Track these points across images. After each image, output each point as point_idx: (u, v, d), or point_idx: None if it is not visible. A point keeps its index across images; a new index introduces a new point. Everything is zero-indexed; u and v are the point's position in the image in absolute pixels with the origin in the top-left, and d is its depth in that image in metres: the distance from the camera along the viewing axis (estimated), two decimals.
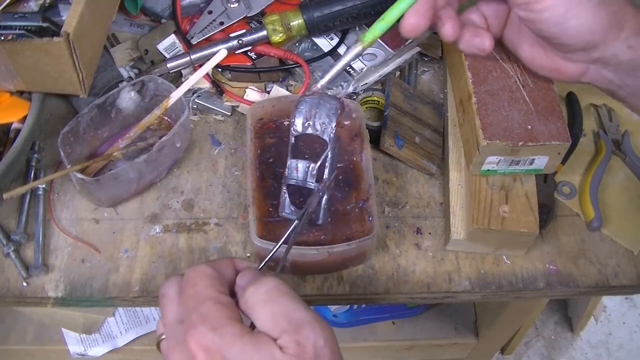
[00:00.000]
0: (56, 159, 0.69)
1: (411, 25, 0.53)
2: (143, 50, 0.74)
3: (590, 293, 0.66)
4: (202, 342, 0.39)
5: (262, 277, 0.43)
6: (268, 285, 0.42)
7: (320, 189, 0.57)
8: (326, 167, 0.57)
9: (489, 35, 0.56)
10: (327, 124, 0.57)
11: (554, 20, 0.50)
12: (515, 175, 0.64)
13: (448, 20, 0.54)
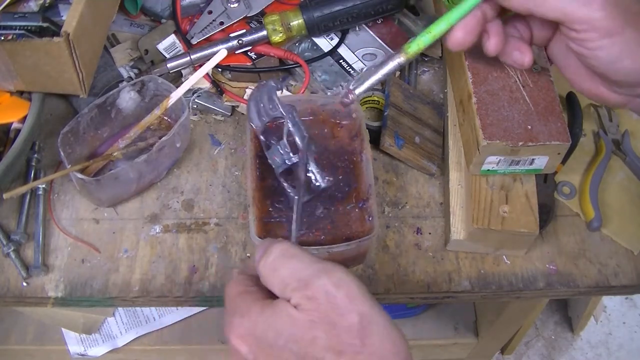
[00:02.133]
0: (56, 159, 0.69)
1: (458, 40, 0.52)
2: (143, 50, 0.74)
3: (590, 293, 0.66)
4: (237, 332, 0.42)
5: (270, 246, 0.43)
6: (275, 253, 0.42)
7: (300, 158, 0.56)
8: (296, 136, 0.56)
9: (529, 52, 0.54)
10: (272, 103, 0.56)
11: (608, 60, 0.49)
12: (515, 175, 0.64)
13: (495, 36, 0.53)
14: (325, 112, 0.67)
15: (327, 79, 0.73)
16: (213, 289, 0.63)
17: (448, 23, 0.52)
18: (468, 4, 0.51)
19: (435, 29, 0.53)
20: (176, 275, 0.64)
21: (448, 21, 0.52)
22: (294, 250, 0.42)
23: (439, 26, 0.52)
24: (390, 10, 0.73)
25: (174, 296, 0.63)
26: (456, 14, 0.52)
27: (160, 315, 1.16)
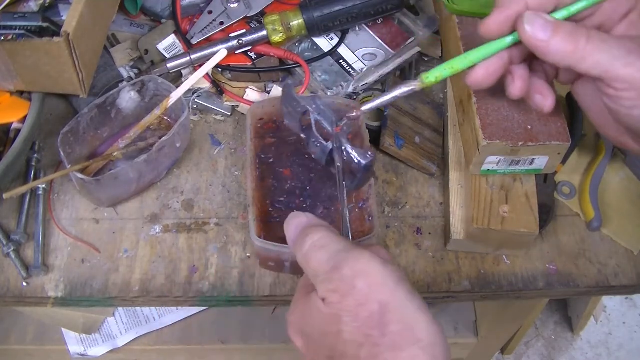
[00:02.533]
0: (56, 159, 0.69)
1: (478, 80, 0.52)
2: (143, 50, 0.74)
3: (590, 293, 0.66)
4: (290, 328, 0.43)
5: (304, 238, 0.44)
6: (307, 245, 0.43)
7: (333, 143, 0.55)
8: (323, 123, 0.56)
9: (552, 96, 0.53)
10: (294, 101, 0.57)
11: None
12: (515, 175, 0.64)
13: (519, 79, 0.52)
14: None
15: (327, 79, 0.73)
16: (213, 289, 0.63)
17: (471, 61, 0.51)
18: (495, 46, 0.50)
19: (457, 64, 0.51)
20: (176, 275, 0.64)
21: (471, 59, 0.51)
22: (324, 241, 0.42)
23: (460, 62, 0.51)
24: (390, 10, 0.73)
25: (174, 296, 0.63)
26: (482, 52, 0.51)
27: (160, 315, 1.16)
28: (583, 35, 0.46)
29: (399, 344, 0.37)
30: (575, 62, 0.47)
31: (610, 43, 0.46)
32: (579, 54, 0.46)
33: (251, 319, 1.17)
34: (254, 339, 1.16)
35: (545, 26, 0.47)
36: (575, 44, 0.46)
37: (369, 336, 0.37)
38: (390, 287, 0.39)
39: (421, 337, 0.37)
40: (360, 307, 0.38)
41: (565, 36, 0.46)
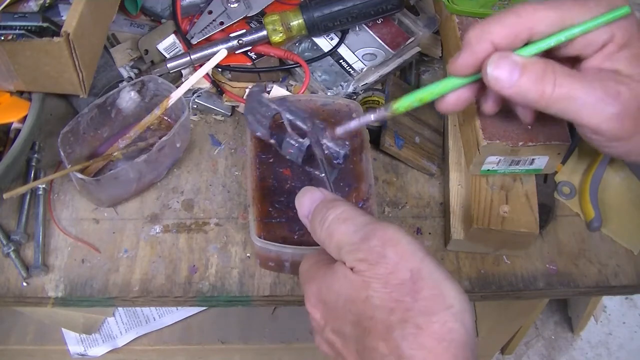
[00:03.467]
0: (56, 159, 0.69)
1: (449, 108, 0.53)
2: (143, 50, 0.74)
3: (590, 293, 0.66)
4: (309, 301, 0.44)
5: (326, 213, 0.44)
6: (330, 219, 0.44)
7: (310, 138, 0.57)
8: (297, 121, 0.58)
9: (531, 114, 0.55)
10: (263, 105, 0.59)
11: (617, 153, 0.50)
12: (515, 175, 0.64)
13: (492, 101, 0.54)
14: (325, 112, 0.67)
15: (327, 79, 0.73)
16: (213, 289, 0.63)
17: (439, 93, 0.52)
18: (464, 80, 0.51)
19: (426, 96, 0.52)
20: (176, 275, 0.64)
21: (439, 91, 0.52)
22: (347, 214, 0.43)
23: (430, 94, 0.52)
24: (390, 10, 0.73)
25: (174, 296, 0.63)
26: (450, 84, 0.51)
27: (160, 315, 1.16)
28: (549, 82, 0.46)
29: (432, 308, 0.38)
30: (542, 107, 0.47)
31: (580, 89, 0.46)
32: (545, 101, 0.46)
33: (251, 319, 1.17)
34: (254, 339, 1.16)
35: (512, 69, 0.46)
36: (541, 91, 0.46)
37: (401, 302, 0.38)
38: (420, 256, 0.40)
39: (452, 303, 0.38)
40: (391, 274, 0.39)
41: (532, 81, 0.46)
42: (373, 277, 0.39)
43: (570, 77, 0.46)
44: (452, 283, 0.39)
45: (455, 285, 0.39)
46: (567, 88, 0.46)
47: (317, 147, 0.57)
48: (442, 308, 0.38)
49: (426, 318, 0.37)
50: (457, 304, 0.38)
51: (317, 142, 0.57)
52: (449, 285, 0.39)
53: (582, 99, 0.46)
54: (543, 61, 0.47)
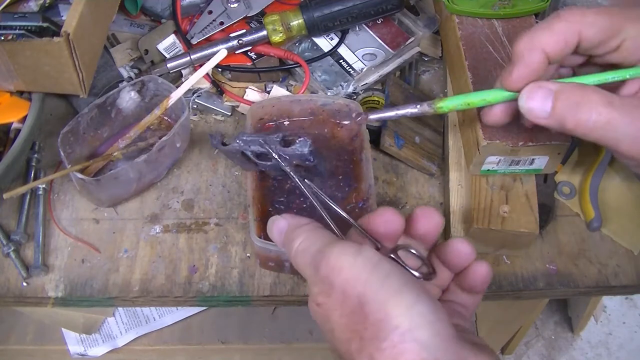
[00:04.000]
0: (56, 159, 0.69)
1: (495, 120, 0.53)
2: (143, 50, 0.74)
3: (590, 293, 0.66)
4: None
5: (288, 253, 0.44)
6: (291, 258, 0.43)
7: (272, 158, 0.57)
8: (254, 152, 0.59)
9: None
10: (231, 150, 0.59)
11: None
12: (515, 175, 0.64)
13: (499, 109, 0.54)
14: (325, 112, 0.67)
15: (327, 79, 0.73)
16: (213, 289, 0.63)
17: (488, 102, 0.51)
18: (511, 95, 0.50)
19: (474, 101, 0.52)
20: (176, 275, 0.64)
21: (489, 99, 0.51)
22: (304, 244, 0.42)
23: (479, 101, 0.51)
24: (390, 10, 0.73)
25: (174, 296, 0.63)
26: (500, 95, 0.50)
27: (160, 315, 1.16)
28: (586, 110, 0.45)
29: (379, 334, 0.36)
30: (580, 135, 0.46)
31: (619, 119, 0.44)
32: (582, 129, 0.45)
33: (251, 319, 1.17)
34: (254, 339, 1.16)
35: (545, 98, 0.46)
36: (577, 119, 0.45)
37: (355, 331, 0.37)
38: (363, 278, 0.37)
39: (398, 323, 0.35)
40: (342, 303, 0.38)
41: (568, 108, 0.45)
42: (331, 309, 0.38)
43: (610, 106, 0.45)
44: (400, 298, 0.36)
45: (404, 300, 0.36)
46: (605, 117, 0.44)
47: (283, 160, 0.57)
48: (389, 331, 0.35)
49: (376, 345, 0.35)
50: (404, 322, 0.35)
51: (280, 156, 0.57)
52: (395, 302, 0.36)
53: (621, 129, 0.44)
54: (580, 87, 0.46)
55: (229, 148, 0.58)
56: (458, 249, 0.45)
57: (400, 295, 0.36)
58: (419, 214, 0.45)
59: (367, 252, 0.39)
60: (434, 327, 0.35)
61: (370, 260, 0.38)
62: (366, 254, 0.38)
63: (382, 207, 0.45)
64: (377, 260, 0.38)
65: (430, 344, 0.34)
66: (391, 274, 0.37)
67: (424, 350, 0.34)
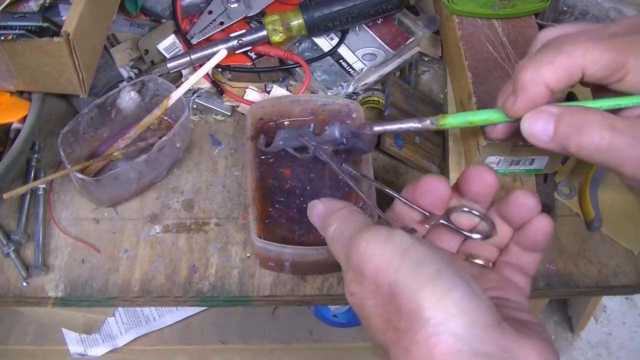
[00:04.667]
0: (56, 159, 0.69)
1: (498, 135, 0.53)
2: (143, 50, 0.74)
3: (590, 293, 0.66)
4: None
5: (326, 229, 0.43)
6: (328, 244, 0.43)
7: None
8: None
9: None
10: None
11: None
12: (515, 175, 0.64)
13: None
14: (325, 112, 0.67)
15: (327, 79, 0.73)
16: (213, 289, 0.63)
17: (490, 121, 0.52)
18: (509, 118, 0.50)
19: (476, 120, 0.53)
20: (176, 275, 0.64)
21: (492, 119, 0.52)
22: (337, 231, 0.42)
23: (481, 120, 0.52)
24: (390, 10, 0.73)
25: (174, 296, 0.63)
26: (502, 116, 0.51)
27: (160, 315, 1.16)
28: (589, 133, 0.44)
29: (412, 326, 0.34)
30: (583, 158, 0.46)
31: (623, 142, 0.44)
32: (584, 152, 0.45)
33: (251, 319, 1.17)
34: (254, 339, 1.16)
35: (547, 122, 0.46)
36: (580, 142, 0.45)
37: (390, 321, 0.36)
38: (394, 266, 0.35)
39: (431, 315, 0.33)
40: (375, 293, 0.36)
41: (570, 132, 0.45)
42: (364, 298, 0.37)
43: (612, 129, 0.44)
44: (431, 287, 0.34)
45: (436, 288, 0.34)
46: (608, 140, 0.44)
47: (319, 149, 0.58)
48: (422, 323, 0.34)
49: (410, 337, 0.34)
50: (437, 312, 0.33)
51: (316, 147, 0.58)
52: (427, 291, 0.34)
53: (625, 152, 0.44)
54: (582, 110, 0.46)
55: (272, 148, 0.60)
56: (522, 201, 0.44)
57: (433, 283, 0.34)
58: (470, 175, 0.45)
59: (398, 236, 0.37)
60: (470, 315, 0.33)
61: (402, 246, 0.36)
62: (397, 239, 0.37)
63: (427, 175, 0.45)
64: (408, 245, 0.36)
65: (466, 335, 0.33)
66: (424, 259, 0.35)
67: (460, 342, 0.33)
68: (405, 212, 0.46)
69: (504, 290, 0.44)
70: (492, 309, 0.35)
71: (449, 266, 0.36)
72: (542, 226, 0.44)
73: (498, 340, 0.34)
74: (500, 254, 0.47)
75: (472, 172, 0.45)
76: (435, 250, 0.37)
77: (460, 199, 0.46)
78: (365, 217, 0.42)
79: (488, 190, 0.45)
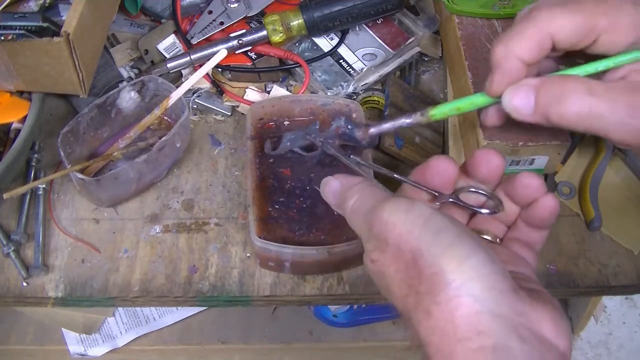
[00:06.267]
0: (56, 159, 0.69)
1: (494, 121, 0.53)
2: (143, 50, 0.74)
3: (590, 293, 0.66)
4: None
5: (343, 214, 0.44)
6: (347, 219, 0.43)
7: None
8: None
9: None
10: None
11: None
12: None
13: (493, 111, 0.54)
14: (325, 112, 0.67)
15: (327, 79, 0.73)
16: (213, 289, 0.63)
17: (477, 105, 0.52)
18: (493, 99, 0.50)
19: (464, 106, 0.52)
20: (176, 275, 0.64)
21: (478, 103, 0.52)
22: (357, 203, 0.42)
23: (468, 106, 0.52)
24: (390, 10, 0.73)
25: (174, 296, 0.63)
26: (487, 98, 0.51)
27: (160, 315, 1.16)
28: (570, 100, 0.44)
29: (434, 289, 0.35)
30: (569, 126, 0.46)
31: (605, 106, 0.44)
32: (567, 120, 0.45)
33: (251, 319, 1.17)
34: (254, 339, 1.16)
35: (527, 94, 0.46)
36: (563, 110, 0.45)
37: (411, 285, 0.37)
38: (416, 233, 0.37)
39: (452, 278, 0.35)
40: (397, 259, 0.37)
41: (551, 102, 0.45)
42: (385, 265, 0.38)
43: (592, 94, 0.44)
44: (451, 252, 0.36)
45: (457, 253, 0.35)
46: (588, 106, 0.44)
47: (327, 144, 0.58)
48: (443, 286, 0.35)
49: (432, 299, 0.35)
50: (458, 275, 0.35)
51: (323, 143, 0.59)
52: (448, 256, 0.35)
53: (607, 117, 0.44)
54: (560, 79, 0.46)
55: (279, 151, 0.60)
56: (527, 182, 0.44)
57: (453, 249, 0.36)
58: (478, 158, 0.45)
59: (420, 206, 0.38)
60: (488, 280, 0.35)
61: (423, 215, 0.38)
62: (418, 209, 0.38)
63: (435, 156, 0.45)
64: (429, 215, 0.38)
65: (483, 297, 0.34)
66: (444, 227, 0.37)
67: (478, 303, 0.34)
68: (413, 194, 0.46)
69: (514, 265, 0.44)
70: (508, 275, 0.36)
71: (467, 234, 0.37)
72: (549, 204, 0.44)
73: (514, 304, 0.35)
74: (508, 231, 0.48)
75: (481, 155, 0.46)
76: (453, 220, 0.38)
77: (467, 179, 0.47)
78: (382, 191, 0.43)
79: (496, 172, 0.46)
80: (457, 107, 0.52)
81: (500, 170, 0.46)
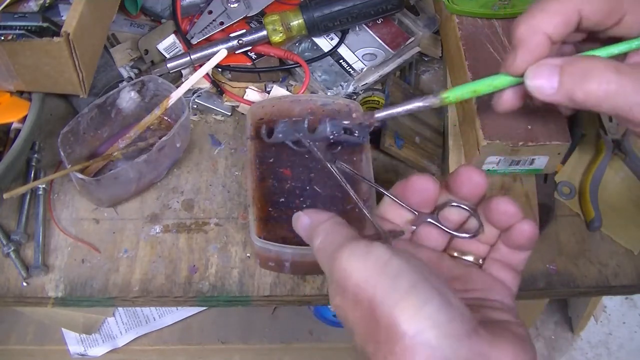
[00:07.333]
0: (56, 159, 0.69)
1: (507, 105, 0.51)
2: (143, 50, 0.74)
3: (590, 293, 0.66)
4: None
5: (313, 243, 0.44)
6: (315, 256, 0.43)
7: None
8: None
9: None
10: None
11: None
12: (515, 175, 0.64)
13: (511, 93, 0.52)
14: (325, 112, 0.67)
15: (327, 79, 0.73)
16: (213, 289, 0.63)
17: (495, 87, 0.50)
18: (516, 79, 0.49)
19: (481, 88, 0.50)
20: (176, 275, 0.64)
21: (496, 84, 0.50)
22: (322, 244, 0.42)
23: (485, 87, 0.50)
24: (390, 10, 0.73)
25: (174, 296, 0.63)
26: (508, 79, 0.49)
27: (160, 315, 1.16)
28: (595, 79, 0.43)
29: (390, 341, 0.35)
30: (592, 107, 0.45)
31: (629, 86, 0.43)
32: (592, 100, 0.44)
33: (251, 319, 1.17)
34: (254, 339, 1.16)
35: (550, 73, 0.45)
36: (587, 89, 0.44)
37: (370, 334, 0.37)
38: (373, 280, 0.37)
39: (405, 329, 0.34)
40: (356, 306, 0.37)
41: (575, 81, 0.44)
42: (347, 311, 0.38)
43: (619, 73, 0.43)
44: (406, 302, 0.35)
45: (411, 302, 0.35)
46: (615, 84, 0.43)
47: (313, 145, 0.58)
48: (400, 336, 0.35)
49: (388, 349, 0.35)
50: (412, 326, 0.34)
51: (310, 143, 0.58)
52: (403, 305, 0.35)
53: (632, 97, 0.43)
54: (585, 58, 0.45)
55: (273, 140, 0.60)
56: (503, 209, 0.44)
57: (409, 298, 0.35)
58: (459, 175, 0.45)
59: (377, 251, 0.38)
60: (444, 328, 0.35)
61: (381, 259, 0.37)
62: (376, 254, 0.38)
63: (415, 174, 0.45)
64: (387, 259, 0.37)
65: (439, 345, 0.34)
66: (401, 273, 0.36)
67: (435, 352, 0.34)
68: (394, 208, 0.46)
69: (488, 291, 0.44)
70: (466, 317, 0.36)
71: (425, 280, 0.36)
72: (526, 230, 0.44)
73: (473, 346, 0.35)
74: (490, 251, 0.47)
75: (462, 173, 0.45)
76: (413, 263, 0.38)
77: (449, 195, 0.47)
78: (348, 229, 0.43)
79: (476, 191, 0.45)
80: (473, 89, 0.50)
81: (480, 189, 0.45)
